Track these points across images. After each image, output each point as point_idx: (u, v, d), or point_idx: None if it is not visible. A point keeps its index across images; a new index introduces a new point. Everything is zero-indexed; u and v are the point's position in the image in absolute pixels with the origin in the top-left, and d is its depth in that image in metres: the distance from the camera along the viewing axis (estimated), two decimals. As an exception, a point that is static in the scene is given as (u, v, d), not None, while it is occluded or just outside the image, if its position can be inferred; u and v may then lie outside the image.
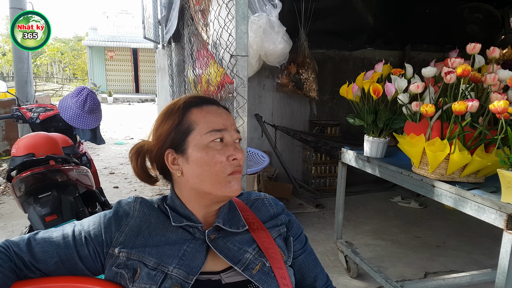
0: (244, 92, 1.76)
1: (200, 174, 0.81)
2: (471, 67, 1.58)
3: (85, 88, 2.59)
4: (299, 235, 0.94)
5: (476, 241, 3.07)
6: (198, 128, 0.82)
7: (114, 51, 19.71)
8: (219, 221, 0.85)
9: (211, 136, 0.81)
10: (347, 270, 2.51)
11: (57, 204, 1.96)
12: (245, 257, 0.82)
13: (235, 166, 0.82)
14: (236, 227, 0.86)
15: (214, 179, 0.81)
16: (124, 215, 0.84)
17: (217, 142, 0.82)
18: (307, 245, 0.96)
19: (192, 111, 0.84)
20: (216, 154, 0.80)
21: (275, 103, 4.29)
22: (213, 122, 0.82)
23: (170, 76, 4.30)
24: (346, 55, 4.52)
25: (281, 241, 0.89)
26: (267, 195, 0.98)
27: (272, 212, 0.93)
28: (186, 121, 0.83)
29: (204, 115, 0.83)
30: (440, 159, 1.58)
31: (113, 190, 4.30)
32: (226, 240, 0.84)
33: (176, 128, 0.83)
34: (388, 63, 2.14)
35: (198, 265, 0.79)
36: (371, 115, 2.05)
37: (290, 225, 0.93)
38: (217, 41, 2.15)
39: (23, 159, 1.97)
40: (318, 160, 4.25)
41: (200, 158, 0.81)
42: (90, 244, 0.81)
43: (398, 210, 3.83)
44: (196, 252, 0.81)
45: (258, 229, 0.87)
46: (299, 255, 0.93)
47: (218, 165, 0.80)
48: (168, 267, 0.78)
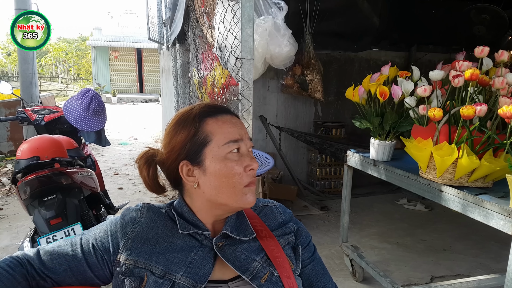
0: (249, 95, 1.75)
1: (218, 186, 0.80)
2: (479, 70, 1.56)
3: (90, 90, 2.59)
4: (307, 243, 0.93)
5: (483, 245, 3.04)
6: (215, 140, 0.80)
7: (119, 51, 19.76)
8: (227, 228, 0.84)
9: (229, 147, 0.80)
10: (353, 274, 2.49)
11: (62, 207, 1.96)
12: (253, 266, 0.81)
13: (251, 177, 0.81)
14: (244, 234, 0.85)
15: (231, 191, 0.80)
16: (131, 221, 0.83)
17: (235, 153, 0.80)
18: (315, 254, 0.94)
19: (208, 121, 0.81)
20: (235, 165, 0.79)
21: (279, 105, 4.28)
22: (230, 132, 0.81)
23: (174, 77, 4.29)
24: (351, 56, 4.50)
25: (289, 250, 0.88)
26: (275, 202, 0.96)
27: (281, 219, 0.92)
28: (202, 132, 0.81)
29: (220, 126, 0.81)
30: (448, 163, 1.56)
31: (118, 191, 4.30)
32: (234, 248, 0.83)
33: (191, 140, 0.81)
34: (395, 65, 2.12)
35: (206, 273, 0.78)
36: (377, 118, 2.03)
37: (299, 234, 0.92)
38: (222, 43, 2.14)
39: (28, 162, 1.97)
40: (323, 162, 4.23)
41: (219, 170, 0.79)
42: (97, 251, 0.81)
43: (404, 212, 3.81)
44: (204, 260, 0.80)
45: (266, 237, 0.86)
46: (308, 264, 0.91)
47: (236, 176, 0.79)
48: (175, 275, 0.77)
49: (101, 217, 2.35)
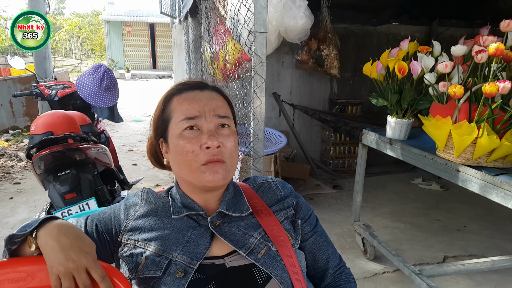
0: (262, 71, 1.70)
1: (177, 163, 0.82)
2: (504, 45, 1.48)
3: (102, 66, 2.57)
4: (308, 217, 0.92)
5: (499, 225, 2.99)
6: (174, 117, 0.82)
7: (131, 26, 19.64)
8: (222, 206, 0.84)
9: (183, 125, 0.80)
10: (364, 252, 2.49)
11: (76, 182, 1.98)
12: (250, 242, 0.81)
13: (210, 155, 0.78)
14: (240, 211, 0.85)
15: (188, 169, 0.80)
16: (133, 205, 0.88)
17: (191, 131, 0.80)
18: (317, 226, 0.93)
19: (173, 99, 0.84)
20: (187, 143, 0.79)
21: (294, 81, 4.19)
22: (187, 109, 0.81)
23: (186, 52, 4.23)
24: (370, 30, 4.35)
25: (288, 224, 0.87)
26: (274, 178, 0.96)
27: (279, 195, 0.91)
28: (167, 110, 0.84)
29: (180, 103, 0.82)
30: (466, 143, 1.51)
31: (132, 167, 4.35)
32: (231, 225, 0.83)
33: (160, 117, 0.85)
34: (415, 40, 2.04)
35: (202, 251, 0.79)
36: (395, 95, 1.97)
37: (298, 207, 0.91)
38: (235, 16, 2.07)
39: (42, 138, 1.99)
40: (337, 140, 4.17)
41: (175, 147, 0.81)
42: (100, 233, 0.84)
43: (418, 192, 3.76)
44: (201, 239, 0.81)
45: (266, 216, 0.85)
46: (310, 237, 0.91)
47: (189, 154, 0.79)
48: (172, 253, 0.79)
49: (115, 192, 2.38)
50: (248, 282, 0.77)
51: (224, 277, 0.77)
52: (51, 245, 0.68)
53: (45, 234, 0.70)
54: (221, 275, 0.77)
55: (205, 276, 0.76)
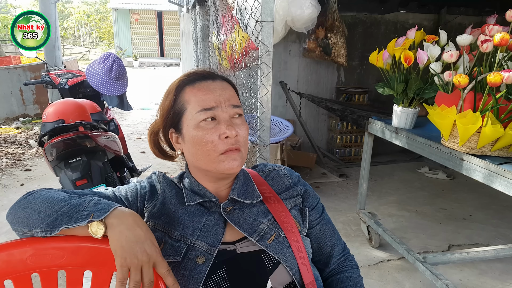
0: (269, 60, 1.71)
1: (195, 153, 0.82)
2: (509, 35, 1.48)
3: (111, 54, 2.60)
4: (315, 205, 0.94)
5: (504, 215, 3.00)
6: (189, 108, 0.82)
7: (139, 14, 19.59)
8: (234, 193, 0.86)
9: (201, 116, 0.80)
10: (369, 240, 2.52)
11: (87, 169, 2.03)
12: (260, 228, 0.83)
13: (229, 144, 0.80)
14: (251, 198, 0.87)
15: (207, 158, 0.81)
16: (155, 189, 0.88)
17: (209, 121, 0.80)
18: (324, 214, 0.96)
19: (186, 89, 0.83)
20: (206, 134, 0.80)
21: (301, 70, 4.19)
22: (203, 100, 0.81)
23: (194, 41, 4.24)
24: (377, 19, 4.31)
25: (296, 212, 0.90)
26: (283, 166, 0.98)
27: (288, 182, 0.93)
28: (180, 101, 0.83)
29: (195, 94, 0.82)
30: (471, 132, 1.52)
31: (140, 155, 4.41)
32: (242, 212, 0.85)
33: (172, 108, 0.84)
34: (422, 28, 2.03)
35: (218, 237, 0.81)
36: (401, 84, 1.98)
37: (306, 196, 0.93)
38: (242, 5, 2.08)
39: (54, 125, 2.04)
40: (343, 129, 4.18)
41: (192, 138, 0.81)
42: (131, 202, 0.85)
43: (424, 181, 3.77)
44: (215, 225, 0.83)
45: (275, 202, 0.88)
46: (316, 225, 0.93)
47: (209, 144, 0.80)
48: (190, 238, 0.81)
49: (125, 179, 2.44)
50: (258, 268, 0.80)
51: (235, 262, 0.80)
52: (126, 236, 0.67)
53: (118, 223, 0.69)
54: (232, 260, 0.80)
55: (217, 261, 0.79)
